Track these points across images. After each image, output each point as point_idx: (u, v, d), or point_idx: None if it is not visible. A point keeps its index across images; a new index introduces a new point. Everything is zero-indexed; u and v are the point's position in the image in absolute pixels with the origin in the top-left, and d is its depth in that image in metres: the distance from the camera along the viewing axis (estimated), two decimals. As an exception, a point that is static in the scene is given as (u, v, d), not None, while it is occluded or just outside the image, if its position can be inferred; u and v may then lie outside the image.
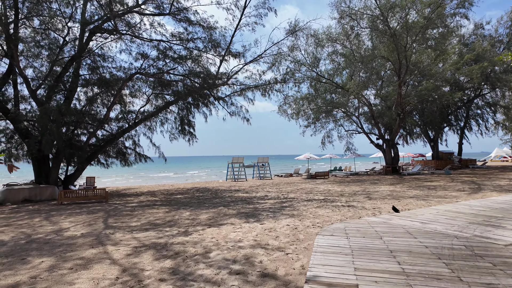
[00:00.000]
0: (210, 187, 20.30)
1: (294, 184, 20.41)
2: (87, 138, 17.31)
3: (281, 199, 12.68)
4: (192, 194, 16.15)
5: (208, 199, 13.57)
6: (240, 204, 11.51)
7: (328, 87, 28.92)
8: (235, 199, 13.28)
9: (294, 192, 15.45)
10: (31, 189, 15.05)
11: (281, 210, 9.45)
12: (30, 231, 7.73)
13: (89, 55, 17.41)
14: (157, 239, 6.35)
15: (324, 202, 11.09)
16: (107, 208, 11.61)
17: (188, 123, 19.40)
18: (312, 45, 26.00)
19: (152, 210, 10.73)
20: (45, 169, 16.94)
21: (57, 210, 11.68)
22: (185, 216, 9.09)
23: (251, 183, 23.28)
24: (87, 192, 13.95)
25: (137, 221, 8.59)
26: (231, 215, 8.95)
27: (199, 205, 11.71)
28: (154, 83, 18.15)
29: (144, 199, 14.82)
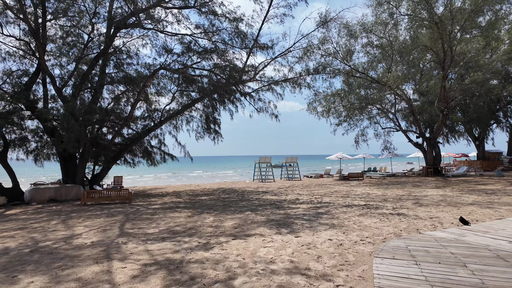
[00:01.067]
0: (236, 188, 19.31)
1: (327, 186, 18.89)
2: (112, 137, 16.95)
3: (315, 203, 11.33)
4: (217, 196, 15.22)
5: (234, 202, 12.52)
6: (269, 208, 10.33)
7: (361, 82, 26.95)
8: (263, 202, 12.12)
9: (328, 195, 14.01)
10: (56, 189, 14.84)
11: (317, 218, 8.14)
12: (41, 236, 7.05)
13: (114, 52, 17.05)
14: (172, 253, 5.32)
15: (367, 209, 9.61)
16: (128, 210, 10.91)
17: (214, 120, 18.53)
18: (345, 36, 24.21)
19: (174, 213, 9.84)
20: (72, 168, 16.78)
21: (78, 211, 11.16)
22: (208, 223, 8.06)
23: (279, 184, 22.03)
24: (110, 193, 13.44)
25: (155, 227, 7.68)
26: (259, 222, 7.78)
27: (224, 208, 10.68)
28: (179, 79, 17.45)
29: (168, 200, 14.09)
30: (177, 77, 18.18)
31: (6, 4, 13.28)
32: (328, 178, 28.15)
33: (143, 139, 18.91)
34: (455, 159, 42.97)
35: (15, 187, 15.02)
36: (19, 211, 11.83)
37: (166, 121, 18.63)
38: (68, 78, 15.26)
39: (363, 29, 23.80)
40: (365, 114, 29.45)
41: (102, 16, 16.05)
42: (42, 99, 16.79)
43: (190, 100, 18.13)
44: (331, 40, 23.90)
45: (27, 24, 13.63)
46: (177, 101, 18.67)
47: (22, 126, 16.95)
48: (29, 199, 14.21)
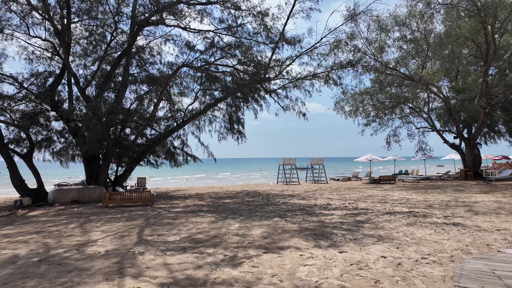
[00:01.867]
0: (260, 191, 18.44)
1: (358, 190, 17.59)
2: (134, 137, 16.62)
3: (350, 209, 10.23)
4: (241, 199, 14.41)
5: (260, 206, 11.65)
6: (299, 214, 9.35)
7: (392, 80, 25.33)
8: (292, 207, 11.15)
9: (363, 200, 12.81)
10: (79, 190, 14.61)
11: (359, 228, 7.08)
12: (54, 242, 6.50)
13: (137, 52, 16.75)
14: (194, 268, 4.51)
15: (413, 217, 8.41)
16: (149, 214, 10.31)
17: (237, 120, 17.79)
18: (375, 31, 22.77)
19: (197, 218, 9.11)
20: (96, 169, 16.59)
21: (98, 214, 10.71)
22: (233, 230, 7.23)
23: (306, 187, 20.93)
24: (131, 195, 12.97)
25: (176, 234, 6.94)
26: (292, 232, 6.84)
27: (250, 213, 9.83)
28: (202, 78, 16.88)
29: (191, 203, 13.44)
30: (199, 76, 17.63)
31: (31, 3, 13.21)
32: (356, 181, 26.65)
33: (166, 140, 18.50)
34: (494, 162, 39.87)
35: (39, 187, 14.97)
36: (41, 212, 11.58)
37: (188, 121, 18.11)
38: (91, 78, 15.06)
39: (396, 23, 22.28)
40: (397, 113, 27.70)
41: (125, 15, 15.77)
42: (67, 100, 16.77)
43: (213, 99, 17.51)
44: (360, 35, 22.57)
45: (52, 24, 13.51)
46: (200, 101, 18.12)
47: (47, 127, 17.03)
48: (53, 200, 14.06)
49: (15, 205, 13.42)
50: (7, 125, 15.18)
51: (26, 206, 13.37)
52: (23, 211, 12.14)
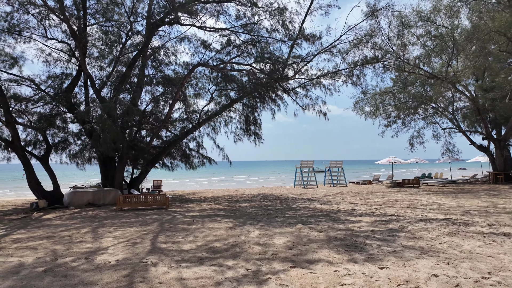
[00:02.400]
0: (278, 194, 17.78)
1: (381, 194, 16.64)
2: (149, 139, 16.33)
3: (378, 215, 9.43)
4: (258, 203, 13.80)
5: (279, 211, 11.00)
6: (323, 221, 8.65)
7: (415, 78, 24.18)
8: (313, 212, 10.45)
9: (390, 205, 11.94)
10: (95, 193, 14.40)
11: (394, 237, 6.33)
12: (64, 249, 6.08)
13: (153, 53, 16.50)
14: (213, 286, 3.93)
15: (453, 226, 7.55)
16: (164, 218, 9.86)
17: (254, 121, 17.23)
18: (397, 27, 21.75)
19: (213, 223, 8.56)
20: (111, 171, 16.40)
21: (112, 217, 10.35)
22: (253, 238, 6.63)
23: (325, 190, 20.10)
24: (146, 198, 12.60)
25: (192, 242, 6.40)
26: (319, 241, 6.17)
27: (269, 219, 9.20)
28: (217, 78, 16.46)
29: (207, 206, 12.95)
30: (215, 76, 17.21)
31: (47, 5, 13.14)
32: (377, 184, 25.55)
33: (181, 142, 18.15)
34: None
35: (55, 190, 14.86)
36: (55, 215, 11.35)
37: (204, 122, 17.71)
38: (106, 78, 14.89)
39: (419, 18, 21.20)
40: (421, 113, 26.46)
41: (140, 15, 15.55)
42: (83, 102, 16.70)
43: (228, 100, 17.03)
44: (381, 32, 21.61)
45: (68, 25, 13.41)
46: (215, 102, 17.68)
47: (64, 129, 17.01)
48: (68, 202, 13.89)
49: (31, 208, 13.31)
50: (25, 127, 15.20)
51: (41, 208, 13.24)
52: (38, 214, 11.97)
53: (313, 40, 14.25)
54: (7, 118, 13.17)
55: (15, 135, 13.40)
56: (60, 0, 12.89)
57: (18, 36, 15.12)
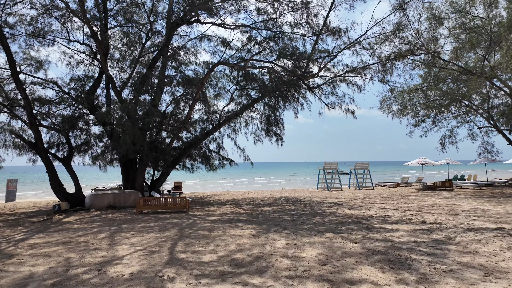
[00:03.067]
0: (301, 198, 17.02)
1: (413, 198, 15.49)
2: (170, 141, 16.07)
3: (416, 223, 8.51)
4: (282, 207, 13.13)
5: (305, 216, 10.28)
6: (355, 229, 7.87)
7: (447, 74, 22.65)
8: (343, 218, 9.65)
9: (426, 211, 10.91)
10: (115, 195, 14.25)
11: (444, 251, 5.48)
12: (78, 258, 5.70)
13: (173, 54, 16.23)
14: (238, 311, 3.32)
15: (509, 237, 6.56)
16: (183, 223, 9.41)
17: (276, 121, 16.56)
18: (428, 20, 20.39)
19: (235, 230, 7.99)
20: (132, 173, 16.28)
21: (131, 221, 10.03)
22: (280, 248, 5.98)
23: (351, 194, 19.10)
24: (166, 201, 12.24)
25: (213, 252, 5.85)
26: (356, 255, 5.43)
27: (295, 225, 8.52)
28: (238, 77, 15.95)
29: (227, 210, 12.43)
30: (235, 75, 16.72)
31: (69, 7, 13.13)
32: (406, 187, 24.15)
33: (202, 143, 17.78)
34: None
35: (78, 192, 14.87)
36: (76, 218, 11.20)
37: (224, 123, 17.26)
38: (127, 80, 14.75)
39: (453, 9, 19.78)
40: (453, 112, 24.81)
41: (160, 15, 15.33)
42: (105, 104, 16.71)
43: (249, 99, 16.47)
44: (410, 25, 20.35)
45: (88, 27, 13.34)
46: (236, 102, 17.18)
47: (87, 131, 17.10)
48: (89, 205, 13.81)
49: (53, 210, 13.32)
50: (48, 129, 15.34)
51: (63, 210, 13.22)
52: (59, 216, 11.89)
53: (338, 34, 13.40)
54: (31, 120, 13.27)
55: (38, 137, 13.48)
56: (81, 2, 12.83)
57: (42, 40, 15.33)
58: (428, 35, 20.77)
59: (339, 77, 14.24)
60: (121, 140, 12.14)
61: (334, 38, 13.69)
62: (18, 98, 13.45)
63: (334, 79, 14.40)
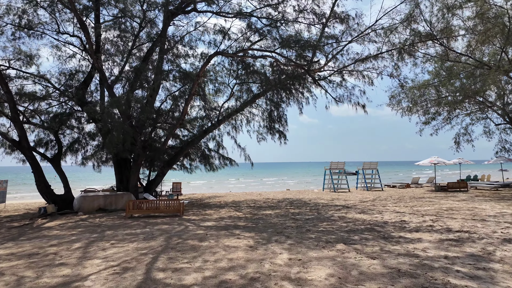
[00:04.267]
0: (306, 200, 15.89)
1: (428, 200, 14.27)
2: (165, 139, 15.04)
3: (441, 231, 7.35)
4: (285, 210, 12.02)
5: (311, 221, 9.17)
6: (370, 238, 6.73)
7: (461, 68, 21.34)
8: (354, 224, 8.51)
9: (447, 216, 9.72)
10: (106, 197, 13.25)
11: (489, 272, 4.34)
12: (33, 277, 4.66)
13: (169, 45, 15.19)
14: None
15: None
16: (174, 229, 8.36)
17: (279, 117, 15.44)
18: (441, 10, 19.10)
19: (230, 239, 6.91)
20: (126, 173, 15.30)
21: (117, 227, 9.00)
22: (281, 265, 4.88)
23: (359, 195, 17.92)
24: (158, 204, 11.19)
25: (199, 270, 4.77)
26: (377, 277, 4.31)
27: (300, 233, 7.41)
28: (237, 70, 14.86)
29: (226, 214, 11.36)
30: (235, 69, 15.64)
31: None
32: (417, 188, 22.87)
33: (200, 142, 16.72)
34: None
35: (66, 193, 13.91)
36: (59, 223, 10.21)
37: (224, 120, 16.20)
38: (119, 73, 13.74)
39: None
40: (468, 108, 23.46)
41: (155, 3, 14.30)
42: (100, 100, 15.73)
43: (250, 95, 15.36)
44: (421, 15, 19.07)
45: (76, 15, 12.35)
46: (236, 97, 16.10)
47: (79, 129, 16.15)
48: (78, 208, 12.83)
49: (39, 213, 12.36)
50: (35, 126, 14.39)
51: (49, 214, 12.24)
52: (43, 220, 10.91)
53: (347, 21, 12.22)
54: (14, 117, 12.32)
55: (22, 135, 12.53)
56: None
57: (31, 32, 14.38)
58: (441, 25, 19.49)
59: (349, 66, 12.99)
60: (109, 138, 11.11)
61: (344, 24, 12.45)
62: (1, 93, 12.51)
63: (343, 70, 13.15)
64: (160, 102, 15.68)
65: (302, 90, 14.24)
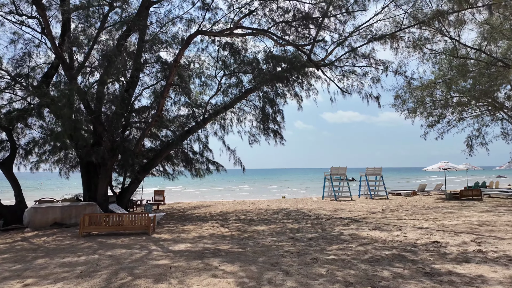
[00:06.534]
0: (305, 210, 13.71)
1: (448, 211, 12.18)
2: (138, 139, 12.78)
3: (500, 261, 5.23)
4: (281, 225, 9.83)
5: (315, 242, 7.00)
6: (406, 276, 4.58)
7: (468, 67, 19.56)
8: (372, 248, 6.35)
9: (487, 233, 7.61)
10: (63, 209, 10.91)
11: None
12: None
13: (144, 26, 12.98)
14: None
15: None
16: (130, 257, 6.10)
17: (273, 113, 13.29)
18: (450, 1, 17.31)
19: (202, 278, 4.69)
20: (96, 180, 12.99)
21: (57, 252, 6.71)
22: None
23: (365, 205, 15.81)
24: (122, 219, 8.88)
25: None
26: None
27: (304, 264, 5.24)
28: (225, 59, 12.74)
29: (207, 230, 9.11)
30: (223, 58, 13.53)
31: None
32: (425, 196, 20.85)
33: (182, 143, 14.48)
34: None
35: (18, 204, 11.53)
36: (-12, 244, 7.87)
37: (210, 118, 14.03)
38: (84, 59, 11.49)
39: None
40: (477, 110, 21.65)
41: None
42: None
43: (242, 89, 13.22)
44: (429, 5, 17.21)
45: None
46: (224, 91, 13.95)
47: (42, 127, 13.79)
48: (27, 222, 10.46)
49: (-23, 229, 9.99)
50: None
51: (-10, 230, 9.88)
52: (-28, 240, 8.56)
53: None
54: None
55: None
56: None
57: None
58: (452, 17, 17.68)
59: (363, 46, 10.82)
60: (55, 135, 8.81)
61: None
62: None
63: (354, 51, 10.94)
64: (134, 97, 13.44)
65: (302, 80, 12.04)
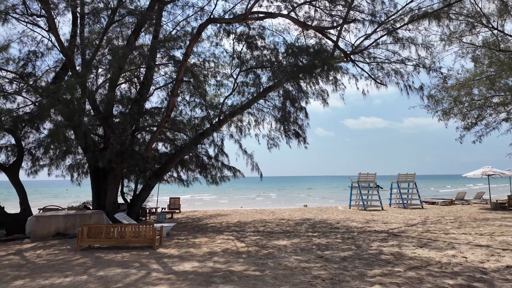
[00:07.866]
0: (331, 221, 12.23)
1: (502, 224, 10.32)
2: (148, 142, 11.89)
3: None
4: (306, 239, 8.47)
5: (350, 264, 5.62)
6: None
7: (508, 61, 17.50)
8: (428, 274, 4.90)
9: None
10: (67, 218, 10.08)
11: None
12: None
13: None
14: None
15: None
16: (126, 278, 5.01)
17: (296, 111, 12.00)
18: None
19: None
20: (105, 186, 12.23)
21: (45, 269, 5.73)
22: None
23: (399, 215, 14.11)
24: (124, 231, 7.85)
25: None
26: None
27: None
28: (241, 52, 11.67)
29: (221, 245, 7.91)
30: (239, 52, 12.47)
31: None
32: (464, 205, 18.69)
33: (196, 147, 13.47)
34: None
35: (23, 212, 10.86)
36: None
37: (226, 120, 12.97)
38: (91, 58, 10.77)
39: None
40: None
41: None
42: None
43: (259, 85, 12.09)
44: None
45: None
46: (241, 91, 12.88)
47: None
48: (29, 232, 9.69)
49: (-25, 239, 9.31)
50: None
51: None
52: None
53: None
54: None
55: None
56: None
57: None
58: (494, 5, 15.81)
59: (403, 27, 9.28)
60: (50, 132, 7.98)
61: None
62: None
63: (392, 34, 9.42)
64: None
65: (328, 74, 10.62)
